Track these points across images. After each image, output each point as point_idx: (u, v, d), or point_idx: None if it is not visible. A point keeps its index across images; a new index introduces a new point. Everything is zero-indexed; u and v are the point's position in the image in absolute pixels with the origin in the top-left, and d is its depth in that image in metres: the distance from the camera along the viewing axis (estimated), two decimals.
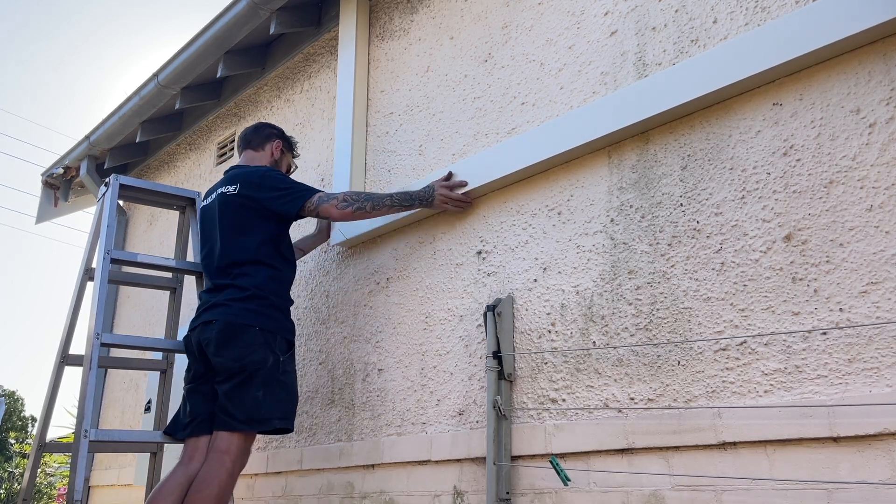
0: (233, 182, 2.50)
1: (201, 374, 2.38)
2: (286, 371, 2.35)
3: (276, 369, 2.30)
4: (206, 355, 2.34)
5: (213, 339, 2.29)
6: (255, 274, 2.38)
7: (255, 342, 2.28)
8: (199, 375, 2.38)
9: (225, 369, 2.28)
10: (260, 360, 2.27)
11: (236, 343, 2.27)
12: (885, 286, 1.55)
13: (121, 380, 4.58)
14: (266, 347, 2.29)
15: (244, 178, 2.49)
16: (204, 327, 2.35)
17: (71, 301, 2.91)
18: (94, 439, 2.39)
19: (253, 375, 2.25)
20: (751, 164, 1.82)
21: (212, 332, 2.30)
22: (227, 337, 2.28)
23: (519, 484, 2.11)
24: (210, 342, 2.30)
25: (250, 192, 2.45)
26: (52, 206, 5.26)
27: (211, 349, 2.30)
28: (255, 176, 2.49)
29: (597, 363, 2.02)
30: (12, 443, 25.50)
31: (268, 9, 3.30)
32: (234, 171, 2.57)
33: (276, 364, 2.30)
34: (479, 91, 2.62)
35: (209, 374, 2.36)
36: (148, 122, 4.33)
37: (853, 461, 1.51)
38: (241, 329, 2.28)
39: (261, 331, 2.30)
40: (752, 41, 1.81)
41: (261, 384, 2.25)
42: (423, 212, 2.61)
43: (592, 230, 2.13)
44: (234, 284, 2.38)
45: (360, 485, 2.64)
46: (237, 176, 2.52)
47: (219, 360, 2.28)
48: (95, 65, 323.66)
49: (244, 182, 2.47)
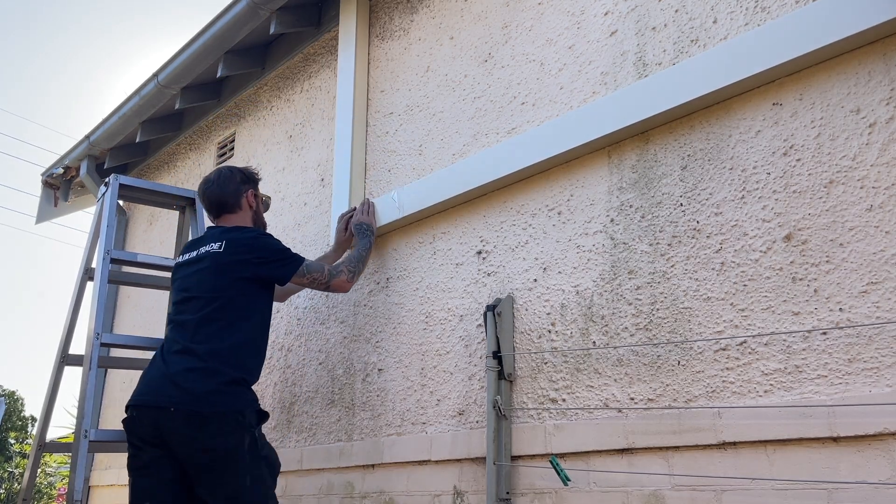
0: (218, 240, 2.29)
1: (156, 458, 2.08)
2: (264, 445, 2.15)
3: (254, 447, 2.08)
4: (164, 439, 2.06)
5: (175, 431, 2.04)
6: (225, 338, 2.16)
7: (224, 428, 2.05)
8: (154, 461, 2.08)
9: (196, 462, 2.04)
10: (234, 446, 2.04)
11: (203, 433, 2.03)
12: (885, 286, 1.55)
13: (121, 380, 4.57)
14: (238, 429, 2.06)
15: (233, 238, 2.30)
16: (159, 413, 2.06)
17: (71, 301, 2.91)
18: (94, 439, 2.39)
19: (230, 463, 2.03)
20: (751, 164, 1.82)
21: (172, 421, 2.04)
22: (192, 427, 2.03)
23: (519, 484, 2.11)
24: (172, 433, 2.04)
25: (240, 254, 2.26)
26: (52, 206, 5.26)
27: (174, 441, 2.04)
28: (244, 239, 2.31)
29: (597, 363, 2.02)
30: (12, 443, 25.49)
31: (268, 9, 3.30)
32: (219, 230, 2.37)
33: (252, 443, 2.08)
34: (479, 91, 2.62)
35: (168, 459, 2.08)
36: (148, 122, 4.33)
37: (853, 461, 1.51)
38: (207, 417, 2.04)
39: (229, 413, 2.07)
40: (752, 41, 1.81)
41: (244, 470, 2.04)
42: (423, 211, 2.62)
43: (592, 230, 2.13)
44: (195, 352, 2.12)
45: (360, 485, 2.64)
46: (223, 236, 2.31)
47: (186, 451, 2.04)
48: (95, 65, 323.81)
49: (232, 242, 2.28)
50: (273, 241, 2.36)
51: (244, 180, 2.49)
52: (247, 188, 2.48)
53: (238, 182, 2.46)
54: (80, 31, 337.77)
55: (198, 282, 2.26)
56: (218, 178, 2.46)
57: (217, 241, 2.29)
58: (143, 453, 2.11)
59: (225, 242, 2.28)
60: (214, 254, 2.26)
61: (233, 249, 2.26)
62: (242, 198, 2.46)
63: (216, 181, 2.45)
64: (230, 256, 2.25)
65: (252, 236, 2.34)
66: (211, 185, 2.45)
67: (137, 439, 2.12)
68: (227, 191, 2.43)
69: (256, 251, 2.28)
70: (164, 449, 2.07)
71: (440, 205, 2.57)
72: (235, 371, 2.15)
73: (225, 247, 2.27)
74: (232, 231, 2.36)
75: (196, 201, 3.07)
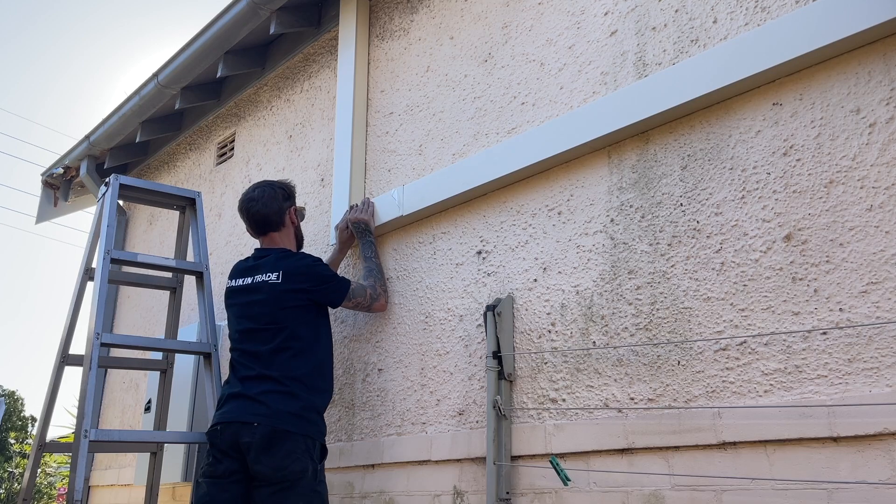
0: (274, 269, 2.41)
1: (232, 471, 2.22)
2: (321, 481, 2.26)
3: (314, 479, 2.20)
4: (242, 454, 2.21)
5: (254, 445, 2.17)
6: (298, 366, 2.30)
7: (296, 450, 2.18)
8: (230, 473, 2.22)
9: (264, 477, 2.16)
10: (301, 470, 2.17)
11: (278, 451, 2.16)
12: (885, 286, 1.55)
13: (121, 380, 4.57)
14: (307, 456, 2.20)
15: (289, 268, 2.41)
16: (242, 428, 2.21)
17: (71, 301, 2.90)
18: (94, 439, 2.39)
19: (294, 485, 2.15)
20: (751, 164, 1.82)
21: (253, 436, 2.18)
22: (270, 443, 2.17)
23: (519, 484, 2.11)
24: (251, 447, 2.18)
25: (297, 283, 2.38)
26: (52, 206, 5.26)
27: (251, 455, 2.18)
28: (301, 267, 2.42)
29: (597, 363, 2.02)
30: (12, 443, 25.50)
31: (268, 9, 3.30)
32: (273, 257, 2.47)
33: (314, 474, 2.21)
34: (479, 91, 2.62)
35: (241, 474, 2.22)
36: (148, 122, 4.32)
37: (853, 461, 1.51)
38: (284, 436, 2.18)
39: (303, 437, 2.21)
40: (752, 41, 1.81)
41: (301, 495, 2.16)
42: (423, 211, 2.62)
43: (592, 230, 2.13)
44: (272, 377, 2.27)
45: (360, 485, 2.64)
46: (279, 264, 2.42)
47: (259, 467, 2.16)
48: (96, 65, 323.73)
49: (289, 273, 2.39)
50: (325, 269, 2.47)
51: (286, 197, 2.60)
52: (289, 205, 2.59)
53: (281, 200, 2.57)
54: (81, 32, 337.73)
55: (260, 313, 2.37)
56: (262, 197, 2.54)
57: (273, 272, 2.40)
58: (220, 464, 2.23)
59: (282, 273, 2.39)
60: (273, 284, 2.38)
61: (290, 279, 2.38)
62: (286, 215, 2.57)
63: (260, 200, 2.53)
64: (288, 285, 2.37)
65: (307, 264, 2.44)
66: (255, 204, 2.53)
67: (218, 451, 2.25)
68: (272, 209, 2.53)
69: (312, 280, 2.40)
70: (241, 463, 2.20)
71: (440, 205, 2.57)
72: (312, 396, 2.29)
73: (283, 278, 2.38)
74: (286, 259, 2.46)
75: (196, 201, 3.07)
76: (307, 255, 2.51)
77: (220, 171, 4.18)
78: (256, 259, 2.50)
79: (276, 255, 2.48)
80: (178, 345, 2.88)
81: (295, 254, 2.52)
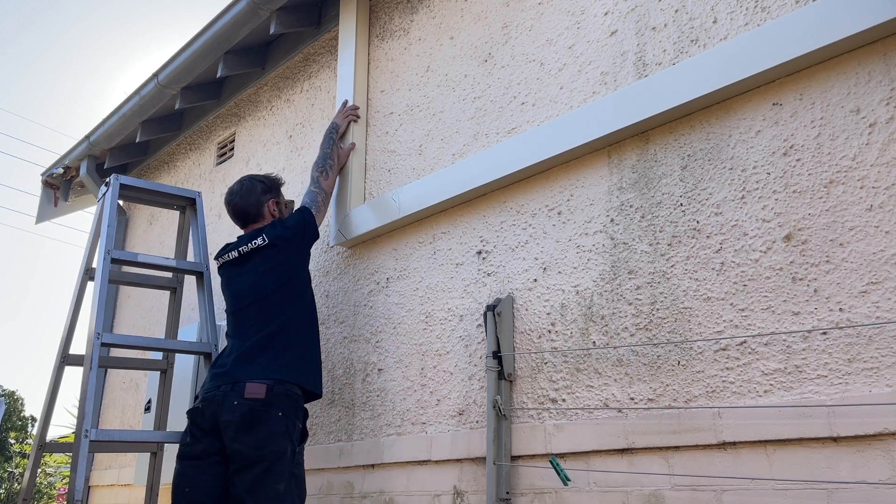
0: (254, 238, 2.50)
1: (211, 452, 2.22)
2: (299, 464, 2.27)
3: (292, 461, 2.20)
4: (220, 434, 2.21)
5: (234, 423, 2.17)
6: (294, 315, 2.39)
7: (277, 430, 2.18)
8: (208, 454, 2.22)
9: (243, 457, 2.15)
10: (280, 450, 2.16)
11: (259, 430, 2.16)
12: (885, 286, 1.55)
13: (121, 380, 4.57)
14: (286, 437, 2.19)
15: (264, 231, 2.51)
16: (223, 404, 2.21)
17: (71, 301, 2.91)
18: (94, 439, 2.39)
19: (273, 466, 2.14)
20: (751, 164, 1.82)
21: (234, 414, 2.18)
22: (251, 422, 2.17)
23: (519, 484, 2.11)
24: (230, 425, 2.17)
25: (281, 233, 2.49)
26: (52, 205, 5.26)
27: (230, 433, 2.17)
28: (274, 226, 2.54)
29: (597, 363, 2.02)
30: (12, 443, 25.50)
31: (268, 9, 3.30)
32: (248, 235, 2.56)
33: (292, 455, 2.21)
34: (479, 91, 2.62)
35: (219, 455, 2.21)
36: (148, 122, 4.32)
37: (853, 461, 1.51)
38: (265, 415, 2.18)
39: (283, 417, 2.20)
40: (752, 41, 1.81)
41: (281, 476, 2.15)
42: (423, 211, 2.62)
43: (592, 230, 2.13)
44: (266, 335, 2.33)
45: (359, 485, 2.64)
46: (256, 234, 2.52)
47: (237, 446, 2.15)
48: (96, 65, 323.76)
49: (267, 233, 2.50)
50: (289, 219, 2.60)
51: (265, 190, 2.64)
52: (268, 198, 2.63)
53: (259, 193, 2.62)
54: (81, 32, 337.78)
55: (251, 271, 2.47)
56: (241, 190, 2.63)
57: (254, 238, 2.50)
58: (199, 441, 2.25)
59: (263, 235, 2.49)
60: (259, 246, 2.49)
61: (271, 236, 2.48)
62: (264, 207, 2.61)
63: (239, 192, 2.63)
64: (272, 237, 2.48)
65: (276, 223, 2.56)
66: (235, 197, 2.63)
67: (197, 428, 2.27)
68: (249, 202, 2.60)
69: (288, 228, 2.53)
70: (219, 443, 2.21)
71: (440, 205, 2.57)
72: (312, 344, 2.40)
73: (265, 236, 2.48)
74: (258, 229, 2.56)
75: (196, 201, 3.07)
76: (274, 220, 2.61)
77: (220, 171, 4.18)
78: (237, 241, 2.59)
79: (253, 231, 2.58)
80: (178, 345, 2.88)
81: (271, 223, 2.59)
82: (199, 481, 2.20)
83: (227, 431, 2.18)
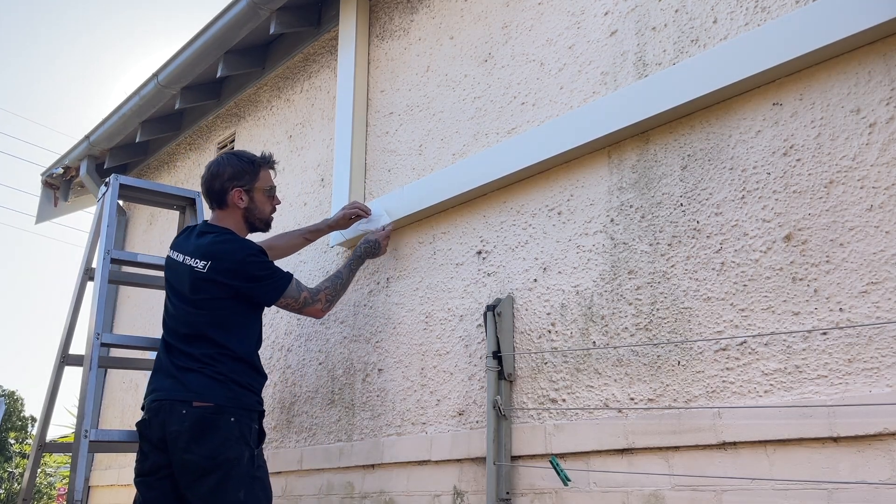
0: (204, 258, 2.18)
1: (161, 466, 2.06)
2: (259, 466, 2.11)
3: (251, 465, 2.05)
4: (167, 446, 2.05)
5: (184, 432, 2.01)
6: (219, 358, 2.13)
7: (230, 436, 2.03)
8: (158, 468, 2.07)
9: (196, 467, 1.99)
10: (236, 457, 2.02)
11: (211, 437, 2.01)
12: (885, 286, 1.55)
13: (121, 380, 4.58)
14: (242, 441, 2.05)
15: (217, 257, 2.18)
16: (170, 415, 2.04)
17: (71, 301, 2.91)
18: (94, 439, 2.39)
19: (229, 474, 2.00)
20: (751, 164, 1.82)
21: (182, 423, 2.02)
22: (202, 430, 2.01)
23: (519, 484, 2.11)
24: (180, 435, 2.01)
25: (223, 277, 2.17)
26: (52, 205, 5.27)
27: (181, 443, 2.01)
28: (229, 261, 2.18)
29: (597, 363, 2.02)
30: (12, 443, 25.50)
31: (268, 9, 3.30)
32: (206, 242, 2.24)
33: (251, 459, 2.06)
34: (479, 91, 2.62)
35: (170, 468, 2.05)
36: (148, 122, 4.33)
37: (853, 461, 1.51)
38: (216, 421, 2.03)
39: (236, 422, 2.05)
40: (752, 41, 1.81)
41: (240, 483, 2.01)
42: (423, 211, 2.62)
43: (592, 230, 2.13)
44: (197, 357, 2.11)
45: (359, 485, 2.64)
46: (209, 251, 2.20)
47: (189, 456, 2.00)
48: (95, 65, 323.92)
49: (217, 262, 2.17)
50: (258, 267, 2.23)
51: (232, 176, 2.30)
52: (232, 185, 2.29)
53: (225, 179, 2.30)
54: (81, 32, 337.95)
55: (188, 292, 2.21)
56: (208, 172, 2.34)
57: (203, 259, 2.19)
58: (147, 457, 2.10)
59: (210, 262, 2.17)
60: (199, 272, 2.18)
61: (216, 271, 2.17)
62: (227, 196, 2.30)
63: (206, 173, 2.34)
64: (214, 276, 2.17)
65: (238, 260, 2.20)
66: (203, 179, 2.36)
67: (145, 441, 2.12)
68: (212, 187, 2.32)
69: (241, 277, 2.18)
70: (168, 456, 2.05)
71: (440, 205, 2.57)
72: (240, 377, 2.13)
73: (209, 266, 2.17)
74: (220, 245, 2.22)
75: (196, 201, 3.07)
76: (243, 247, 2.24)
77: None
78: (199, 235, 2.29)
79: (213, 238, 2.25)
80: None
81: (232, 241, 2.25)
82: (150, 500, 2.07)
83: (176, 442, 2.02)
